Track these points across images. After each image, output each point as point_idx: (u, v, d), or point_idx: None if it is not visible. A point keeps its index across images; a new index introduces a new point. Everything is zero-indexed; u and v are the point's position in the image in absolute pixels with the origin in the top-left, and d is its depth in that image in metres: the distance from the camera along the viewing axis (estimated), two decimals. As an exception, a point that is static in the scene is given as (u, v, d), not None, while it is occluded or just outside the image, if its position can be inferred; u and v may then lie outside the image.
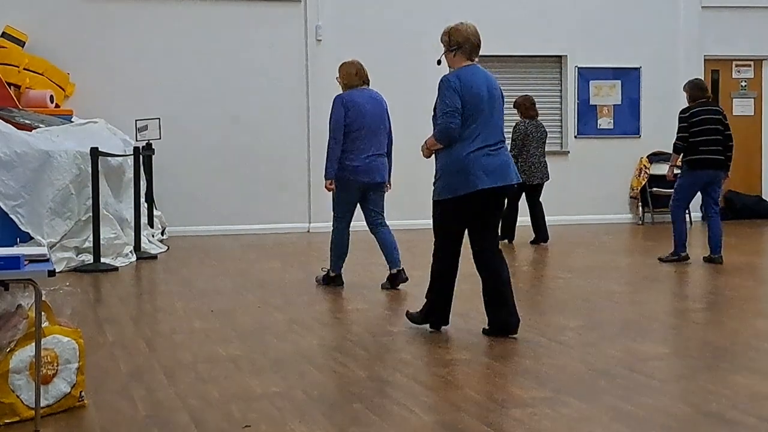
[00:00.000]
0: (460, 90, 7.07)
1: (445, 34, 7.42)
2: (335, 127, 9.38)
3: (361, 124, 9.36)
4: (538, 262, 11.61)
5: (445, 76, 7.20)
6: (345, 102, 9.39)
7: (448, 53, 7.36)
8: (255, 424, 5.05)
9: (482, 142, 7.09)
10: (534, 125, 13.44)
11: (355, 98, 9.41)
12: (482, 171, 7.03)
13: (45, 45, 14.37)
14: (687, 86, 11.58)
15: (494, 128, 7.19)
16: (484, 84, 7.19)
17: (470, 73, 7.20)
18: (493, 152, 7.12)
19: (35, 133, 11.57)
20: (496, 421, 5.03)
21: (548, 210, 16.08)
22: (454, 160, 7.07)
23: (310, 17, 15.41)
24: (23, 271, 4.92)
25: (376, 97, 9.55)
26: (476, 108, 7.09)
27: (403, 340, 7.15)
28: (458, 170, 7.05)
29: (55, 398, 5.23)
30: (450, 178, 7.10)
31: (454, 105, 7.03)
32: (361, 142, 9.37)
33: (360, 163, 9.37)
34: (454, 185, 7.08)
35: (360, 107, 9.37)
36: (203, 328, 7.66)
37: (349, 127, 9.35)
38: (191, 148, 14.97)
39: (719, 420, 5.03)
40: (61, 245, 11.02)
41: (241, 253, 12.59)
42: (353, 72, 9.54)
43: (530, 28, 16.20)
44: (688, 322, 7.86)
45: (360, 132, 9.36)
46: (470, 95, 7.08)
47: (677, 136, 11.26)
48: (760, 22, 17.01)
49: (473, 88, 7.11)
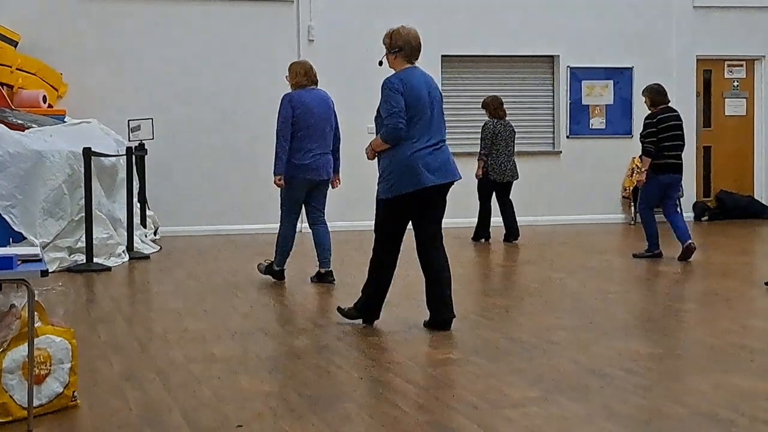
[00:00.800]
0: (403, 91, 7.34)
1: (387, 36, 7.67)
2: (283, 126, 9.66)
3: (308, 123, 9.65)
4: (529, 262, 11.62)
5: (387, 79, 7.48)
6: (293, 101, 9.67)
7: (389, 55, 7.63)
8: (247, 423, 5.05)
9: (425, 142, 7.39)
10: (502, 125, 13.72)
11: (302, 97, 9.68)
12: (426, 169, 7.32)
13: (38, 45, 14.36)
14: (648, 92, 11.94)
15: (436, 128, 7.50)
16: (424, 85, 7.48)
17: (411, 75, 7.48)
18: (435, 150, 7.41)
19: (28, 133, 11.56)
20: (488, 421, 5.04)
21: (541, 210, 16.17)
22: (400, 160, 7.32)
23: (302, 17, 15.41)
24: (16, 271, 4.92)
25: (323, 97, 9.81)
26: (418, 109, 7.38)
27: (396, 340, 7.15)
28: (404, 169, 7.31)
29: (48, 398, 5.23)
30: (396, 177, 7.34)
31: (399, 106, 7.30)
32: (308, 141, 9.66)
33: (307, 160, 9.66)
34: (400, 184, 7.33)
35: (307, 107, 9.66)
36: (196, 328, 7.66)
37: (297, 126, 9.64)
38: (184, 148, 14.97)
39: (712, 420, 5.04)
40: (53, 245, 11.02)
41: (233, 253, 12.59)
42: (302, 72, 9.83)
43: (522, 28, 16.21)
44: (680, 322, 7.88)
45: (307, 131, 9.65)
46: (412, 96, 7.37)
47: (647, 141, 11.60)
48: (752, 22, 17.04)
49: (414, 90, 7.39)
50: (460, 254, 12.31)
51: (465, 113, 15.59)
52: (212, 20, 15.17)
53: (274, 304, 8.78)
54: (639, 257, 11.73)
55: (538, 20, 16.26)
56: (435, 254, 7.56)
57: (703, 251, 12.22)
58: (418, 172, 7.29)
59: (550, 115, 16.71)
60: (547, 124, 16.69)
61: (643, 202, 11.92)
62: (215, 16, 15.20)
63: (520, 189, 15.98)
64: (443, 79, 15.89)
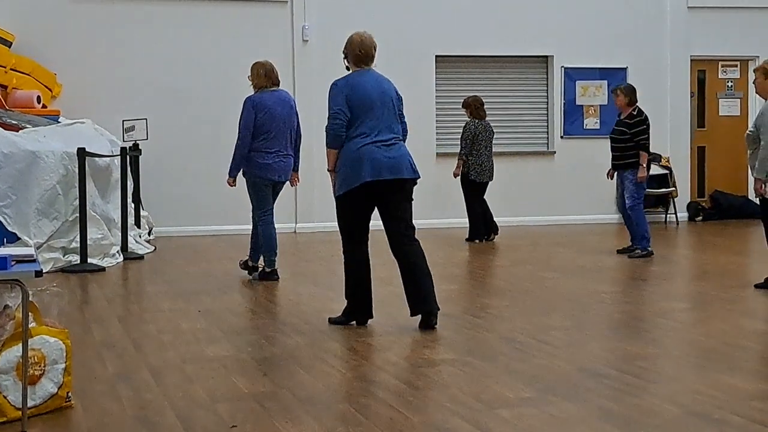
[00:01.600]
0: (345, 91, 7.50)
1: (344, 45, 7.84)
2: (244, 130, 9.89)
3: (270, 126, 9.85)
4: (523, 262, 11.62)
5: (334, 81, 7.66)
6: (255, 104, 9.88)
7: (344, 62, 7.83)
8: (242, 424, 5.05)
9: (374, 137, 7.46)
10: (483, 125, 13.87)
11: (264, 101, 9.87)
12: (372, 165, 7.39)
13: (32, 45, 14.34)
14: (626, 91, 12.13)
15: (387, 125, 7.55)
16: (374, 84, 7.61)
17: (359, 76, 7.64)
18: (386, 147, 7.47)
19: (22, 134, 11.54)
20: (483, 422, 5.04)
21: (535, 210, 16.19)
22: (348, 155, 7.45)
23: (296, 18, 15.41)
24: (10, 271, 4.91)
25: (285, 99, 10.02)
26: (365, 107, 7.49)
27: (390, 341, 7.15)
28: (352, 164, 7.41)
29: (42, 399, 5.22)
30: (345, 173, 7.44)
31: (339, 107, 7.46)
32: (270, 142, 9.87)
33: (270, 161, 9.88)
34: (348, 179, 7.43)
35: (269, 109, 9.85)
36: (190, 328, 7.66)
37: (259, 129, 9.84)
38: (178, 148, 14.97)
39: (707, 420, 5.04)
40: (48, 246, 11.01)
41: (228, 254, 12.58)
42: (263, 73, 10.03)
43: (516, 28, 16.23)
44: (675, 322, 7.88)
45: (269, 133, 9.85)
46: (358, 95, 7.50)
47: (644, 137, 11.86)
48: (746, 22, 17.07)
49: (360, 90, 7.53)
50: (454, 255, 12.31)
51: (459, 114, 15.58)
52: (207, 21, 15.17)
53: (268, 305, 8.78)
54: (633, 257, 11.78)
55: (532, 20, 16.27)
56: (406, 249, 7.56)
57: (697, 251, 12.23)
58: (365, 168, 7.38)
59: (544, 116, 16.72)
60: (541, 125, 16.70)
61: (635, 200, 11.91)
62: (210, 16, 15.19)
63: (514, 189, 16.04)
64: (437, 79, 15.92)
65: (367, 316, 7.69)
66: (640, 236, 11.88)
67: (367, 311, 7.69)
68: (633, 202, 11.92)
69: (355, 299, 7.67)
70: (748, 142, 9.32)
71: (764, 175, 9.06)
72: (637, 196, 11.92)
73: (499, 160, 14.47)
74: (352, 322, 7.70)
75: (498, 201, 14.73)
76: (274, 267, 10.10)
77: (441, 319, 7.54)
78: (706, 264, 11.37)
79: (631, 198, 11.93)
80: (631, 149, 11.84)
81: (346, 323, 7.70)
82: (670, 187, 16.74)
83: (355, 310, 7.69)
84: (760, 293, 9.07)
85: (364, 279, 7.65)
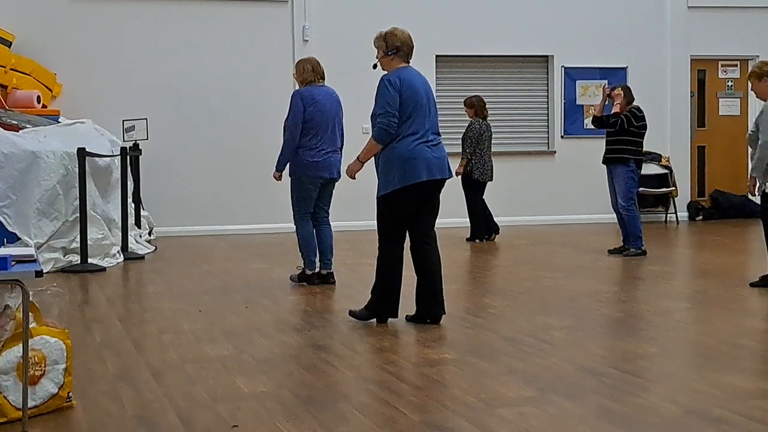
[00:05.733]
0: (401, 89, 7.44)
1: (380, 39, 7.73)
2: (294, 123, 9.54)
3: (320, 121, 9.55)
4: (524, 261, 11.63)
5: (386, 76, 7.56)
6: (304, 98, 9.56)
7: (385, 57, 7.69)
8: (243, 424, 5.05)
9: (425, 137, 7.49)
10: (486, 125, 14.00)
11: (313, 95, 9.58)
12: (427, 163, 7.43)
13: (32, 45, 14.35)
14: (628, 90, 12.24)
15: (432, 124, 7.62)
16: (421, 83, 7.60)
17: (409, 73, 7.58)
18: (434, 146, 7.54)
19: (22, 134, 11.55)
20: (483, 421, 5.04)
21: (535, 210, 16.19)
22: (402, 154, 7.41)
23: (296, 18, 15.42)
24: (10, 271, 4.91)
25: (332, 94, 9.74)
26: (417, 105, 7.48)
27: (391, 340, 7.15)
28: (407, 162, 7.40)
29: (43, 399, 5.23)
30: (399, 171, 7.40)
31: (394, 104, 7.41)
32: (319, 138, 9.56)
33: (319, 158, 9.55)
34: (404, 177, 7.41)
35: (318, 104, 9.55)
36: (191, 328, 7.66)
37: (308, 124, 9.52)
38: (178, 148, 14.97)
39: (706, 419, 5.04)
40: (48, 246, 11.01)
41: (228, 254, 12.59)
42: (309, 68, 9.72)
43: (516, 28, 16.24)
44: (674, 321, 7.88)
45: (318, 129, 9.54)
46: (410, 93, 7.47)
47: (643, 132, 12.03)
48: (746, 22, 17.08)
49: (413, 87, 7.50)
50: (455, 254, 12.31)
51: (459, 113, 15.57)
52: (207, 20, 15.17)
53: (269, 304, 8.78)
54: (630, 255, 11.85)
55: (532, 20, 16.28)
56: (429, 251, 7.64)
57: (697, 251, 12.23)
58: (421, 166, 7.40)
59: (545, 115, 16.72)
60: (541, 124, 16.71)
61: (628, 199, 11.97)
62: (210, 16, 15.19)
63: (515, 189, 16.04)
64: (437, 79, 15.90)
65: (389, 315, 7.69)
66: (634, 236, 11.95)
67: (391, 311, 7.68)
68: (627, 202, 11.97)
69: (388, 298, 7.64)
70: (751, 143, 9.34)
71: (760, 173, 9.08)
72: (630, 195, 11.97)
73: (499, 160, 14.48)
74: (371, 320, 7.70)
75: (498, 201, 14.74)
76: (314, 269, 9.74)
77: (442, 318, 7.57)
78: (706, 263, 11.37)
79: (624, 197, 11.97)
80: (621, 143, 11.92)
81: (368, 319, 7.70)
82: (671, 186, 16.75)
83: (384, 309, 7.66)
84: (758, 292, 9.07)
85: (398, 280, 7.65)
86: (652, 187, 16.65)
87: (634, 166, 11.93)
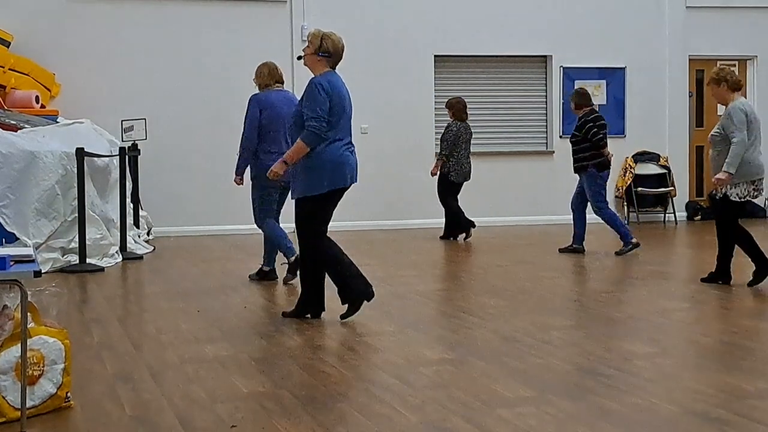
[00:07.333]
0: (331, 94, 7.63)
1: (316, 37, 7.85)
2: (249, 127, 9.74)
3: (276, 125, 9.65)
4: (522, 261, 11.63)
5: (317, 80, 7.71)
6: (260, 102, 9.74)
7: (314, 56, 7.80)
8: (241, 424, 5.05)
9: (347, 143, 7.77)
10: (465, 127, 14.08)
11: (269, 99, 9.74)
12: (350, 168, 7.75)
13: (31, 45, 14.34)
14: (577, 97, 12.40)
15: (349, 129, 7.84)
16: (346, 91, 7.81)
17: (337, 79, 7.79)
18: (352, 152, 7.84)
19: (21, 134, 11.55)
20: (482, 421, 5.04)
21: (534, 210, 16.19)
22: (331, 157, 7.65)
23: (295, 18, 15.41)
24: (9, 271, 4.91)
25: (290, 98, 9.84)
26: (343, 111, 7.70)
27: (389, 340, 7.15)
28: (336, 166, 7.65)
29: (41, 399, 5.23)
30: (329, 174, 7.63)
31: (324, 109, 7.58)
32: (275, 142, 9.66)
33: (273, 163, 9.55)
34: (333, 179, 7.66)
35: (274, 108, 9.68)
36: (189, 328, 7.66)
37: (265, 128, 9.69)
38: (177, 148, 14.96)
39: (705, 419, 5.04)
40: (47, 246, 11.00)
41: (227, 254, 12.59)
42: (266, 72, 9.90)
43: (515, 28, 16.23)
44: (673, 321, 7.89)
45: (277, 133, 9.64)
46: (339, 100, 7.68)
47: (598, 136, 12.14)
48: (744, 21, 17.09)
49: (341, 94, 7.73)
50: (453, 254, 12.31)
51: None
52: (205, 20, 15.17)
53: (267, 304, 8.78)
54: (621, 254, 12.00)
55: (530, 20, 16.28)
56: (332, 241, 7.89)
57: (696, 250, 12.22)
58: (346, 171, 7.71)
59: (543, 115, 16.72)
60: (540, 124, 16.70)
61: (598, 202, 12.22)
62: (208, 16, 15.19)
63: (513, 189, 16.05)
64: (436, 79, 15.91)
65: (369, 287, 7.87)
66: (621, 234, 12.12)
67: (367, 284, 7.88)
68: (597, 205, 12.21)
69: (353, 274, 7.85)
70: (714, 143, 9.53)
71: (735, 170, 9.24)
72: (598, 198, 12.21)
73: (498, 160, 14.50)
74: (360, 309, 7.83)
75: (497, 200, 14.75)
76: (294, 253, 9.78)
77: (440, 318, 7.56)
78: (704, 263, 11.35)
79: (593, 201, 12.23)
80: (580, 152, 12.21)
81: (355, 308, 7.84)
82: (669, 186, 16.76)
83: (360, 284, 7.84)
84: (754, 291, 9.07)
85: (344, 254, 7.86)
86: (651, 186, 16.66)
87: (594, 170, 12.16)
